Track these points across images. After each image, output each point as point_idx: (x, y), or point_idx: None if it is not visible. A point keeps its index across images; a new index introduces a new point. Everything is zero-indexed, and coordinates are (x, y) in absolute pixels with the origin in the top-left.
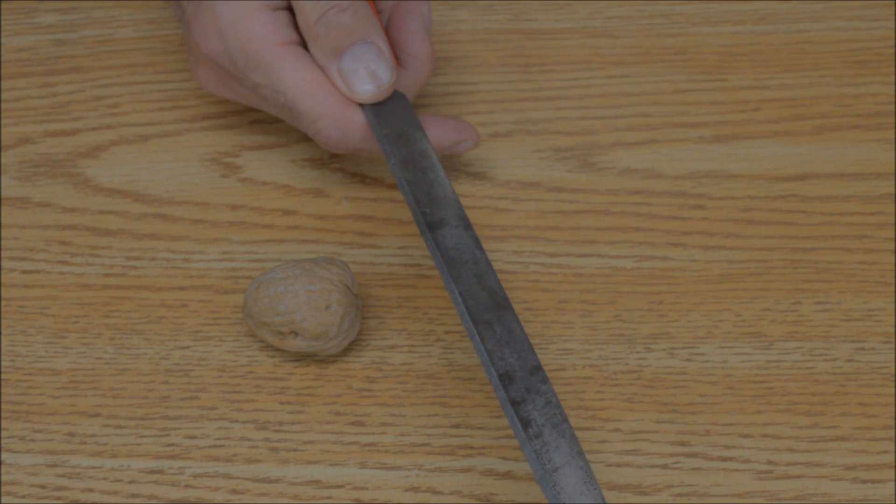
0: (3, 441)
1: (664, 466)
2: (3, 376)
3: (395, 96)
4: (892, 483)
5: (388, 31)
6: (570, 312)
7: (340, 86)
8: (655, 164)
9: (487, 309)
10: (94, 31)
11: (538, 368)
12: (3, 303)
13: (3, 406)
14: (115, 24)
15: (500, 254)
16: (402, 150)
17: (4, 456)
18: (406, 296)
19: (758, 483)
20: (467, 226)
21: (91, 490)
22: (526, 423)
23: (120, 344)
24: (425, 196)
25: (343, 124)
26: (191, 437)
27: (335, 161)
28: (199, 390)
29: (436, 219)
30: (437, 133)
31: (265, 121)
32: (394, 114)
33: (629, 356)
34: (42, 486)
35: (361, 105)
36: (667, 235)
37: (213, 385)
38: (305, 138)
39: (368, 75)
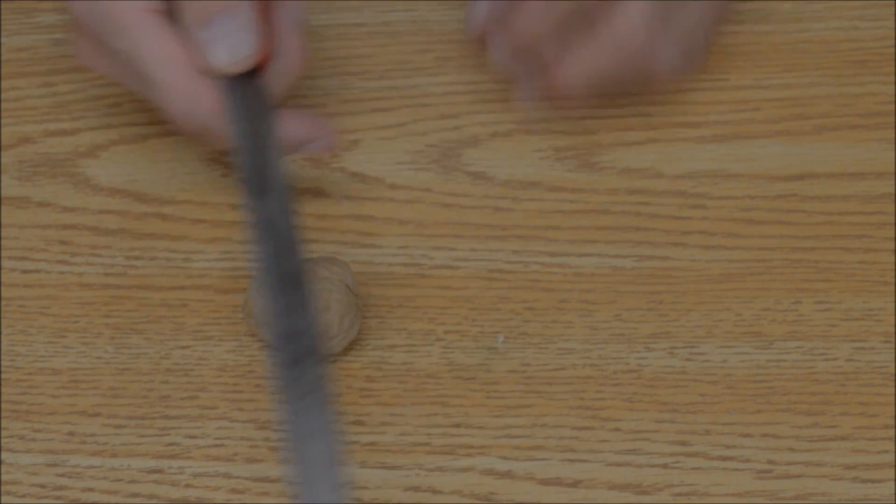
0: (3, 440)
1: (664, 466)
2: (3, 376)
3: (258, 83)
4: (893, 483)
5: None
6: (570, 312)
7: (199, 57)
8: (655, 164)
9: (286, 276)
10: None
11: (320, 345)
12: (3, 302)
13: (3, 405)
14: None
15: (501, 254)
16: (245, 125)
17: (4, 455)
18: (406, 295)
19: (758, 483)
20: (292, 206)
21: (91, 490)
22: (290, 385)
23: (120, 343)
24: (256, 169)
25: (193, 99)
26: (191, 437)
27: (335, 161)
28: (199, 390)
29: (260, 188)
30: (291, 128)
31: None
32: (249, 95)
33: (629, 356)
34: (42, 486)
35: (218, 84)
36: (667, 235)
37: (213, 384)
38: None
39: (228, 46)
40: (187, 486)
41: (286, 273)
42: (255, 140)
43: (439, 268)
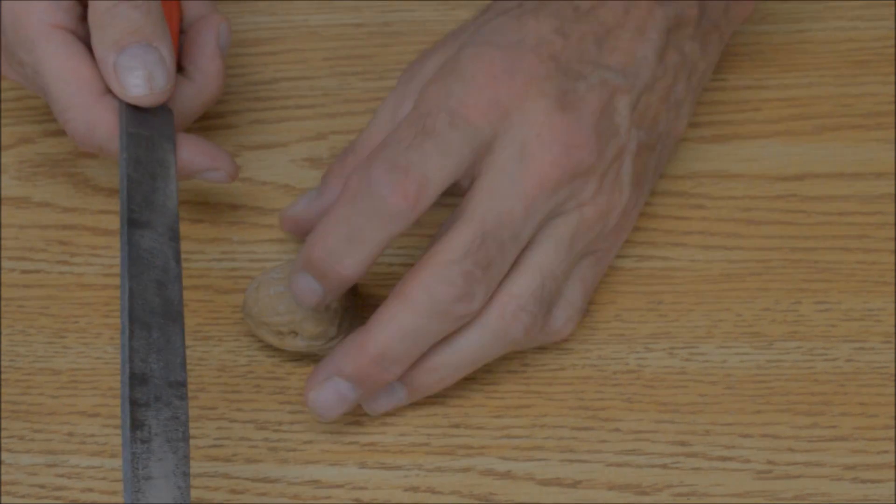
0: (2, 441)
1: (664, 466)
2: (3, 376)
3: (162, 108)
4: (892, 483)
5: (183, 45)
6: None
7: (112, 81)
8: None
9: (153, 314)
10: None
11: (181, 385)
12: (3, 303)
13: (2, 406)
14: None
15: None
16: (139, 151)
17: (4, 456)
18: None
19: (757, 483)
20: (173, 238)
21: (91, 490)
22: (137, 425)
23: (120, 344)
24: (141, 198)
25: (91, 119)
26: (190, 437)
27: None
28: (198, 390)
29: (141, 219)
30: (189, 154)
31: (265, 121)
32: (150, 120)
33: (629, 356)
34: (42, 486)
35: (120, 105)
36: (667, 235)
37: (212, 384)
38: (305, 138)
39: (144, 77)
40: None
41: (153, 311)
42: (146, 168)
43: None
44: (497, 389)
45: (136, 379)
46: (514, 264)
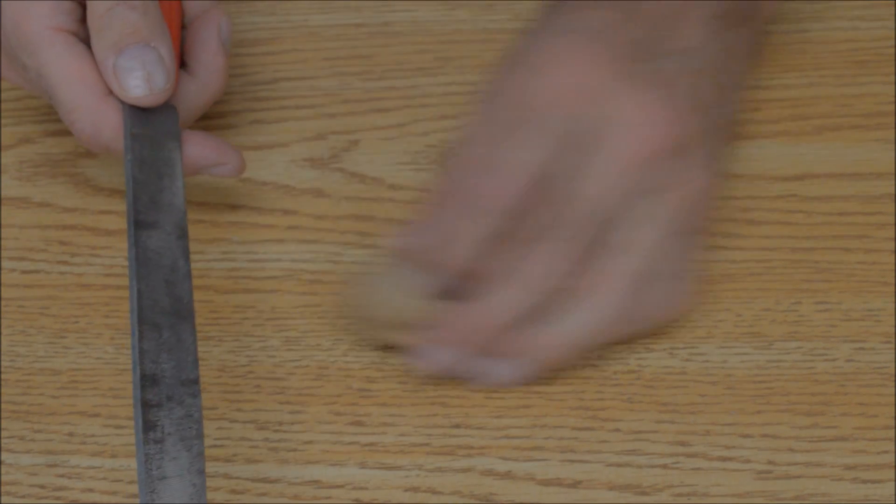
0: (2, 441)
1: (664, 466)
2: (3, 376)
3: (165, 106)
4: (893, 483)
5: (185, 41)
6: None
7: (112, 82)
8: None
9: (163, 314)
10: None
11: (193, 382)
12: (3, 303)
13: (2, 406)
14: None
15: None
16: (144, 151)
17: (4, 456)
18: None
19: (758, 483)
20: (181, 236)
21: (91, 490)
22: (150, 426)
23: (120, 344)
24: (147, 198)
25: (97, 120)
26: None
27: (335, 161)
28: None
29: (148, 220)
30: (196, 150)
31: (265, 121)
32: (154, 119)
33: (629, 356)
34: (42, 486)
35: (123, 106)
36: None
37: (212, 385)
38: (305, 138)
39: (144, 77)
40: None
41: (163, 311)
42: (152, 168)
43: None
44: (497, 390)
45: (147, 380)
46: (617, 243)
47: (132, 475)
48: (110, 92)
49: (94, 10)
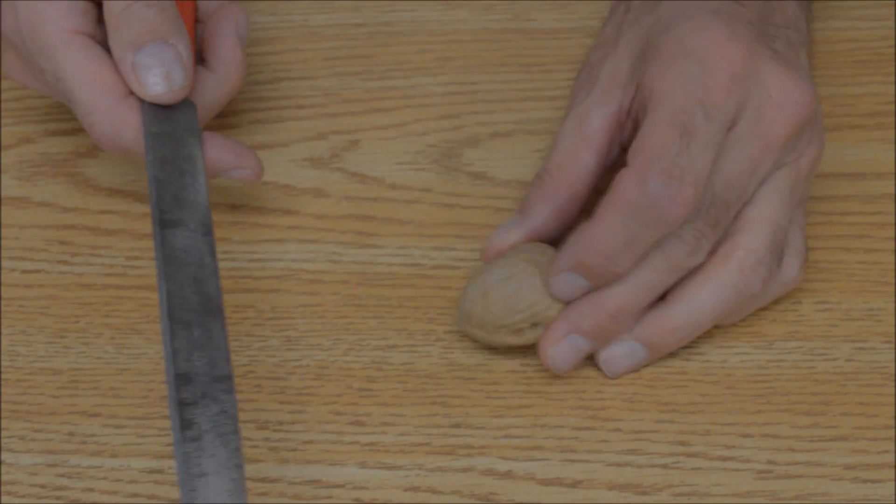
0: (3, 441)
1: (664, 466)
2: (4, 376)
3: (184, 103)
4: (893, 483)
5: (202, 36)
6: None
7: (131, 80)
8: None
9: (193, 311)
10: None
11: (227, 378)
12: (4, 302)
13: (3, 406)
14: None
15: None
16: (165, 150)
17: (4, 456)
18: (406, 295)
19: (758, 483)
20: (206, 232)
21: (91, 490)
22: (187, 425)
23: (120, 343)
24: (171, 197)
25: (117, 121)
26: None
27: (335, 161)
28: None
29: (173, 218)
30: (215, 153)
31: (265, 121)
32: (173, 117)
33: None
34: (42, 486)
35: (142, 105)
36: None
37: None
38: (305, 138)
39: (162, 74)
40: None
41: (192, 309)
42: (173, 166)
43: (439, 268)
44: (498, 389)
45: (181, 379)
46: (744, 219)
47: (132, 475)
48: (129, 93)
49: (110, 9)
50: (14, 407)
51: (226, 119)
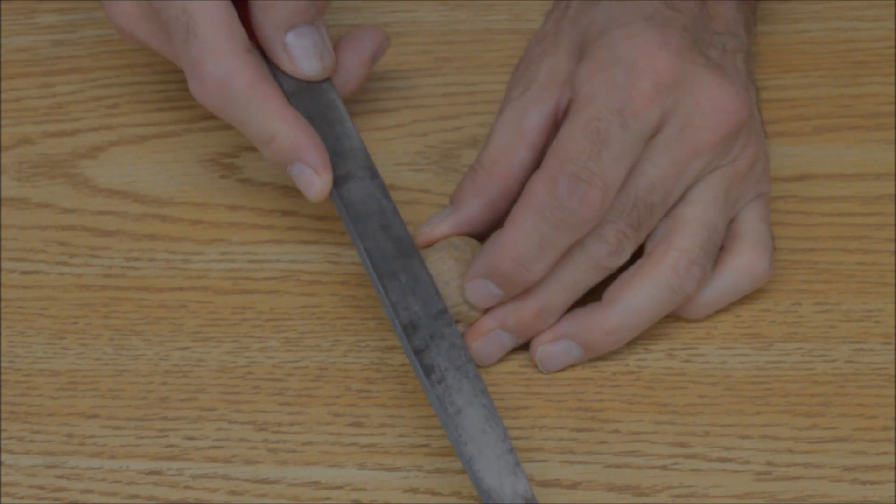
0: (2, 442)
1: (663, 467)
2: (3, 377)
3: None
4: (892, 484)
5: (342, 39)
6: None
7: (282, 58)
8: None
9: (393, 259)
10: (93, 31)
11: (443, 312)
12: (3, 303)
13: (2, 407)
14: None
15: None
16: (307, 106)
17: (3, 457)
18: None
19: (757, 484)
20: (374, 175)
21: (90, 491)
22: (429, 370)
23: (119, 345)
24: (331, 150)
25: (233, 69)
26: (190, 438)
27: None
28: (198, 391)
29: (341, 173)
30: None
31: None
32: (312, 91)
33: (628, 357)
34: (41, 488)
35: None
36: None
37: (212, 386)
38: None
39: (317, 55)
40: (186, 487)
41: (392, 257)
42: (321, 119)
43: None
44: (496, 391)
45: (408, 329)
46: (678, 219)
47: (131, 476)
48: (251, 49)
49: None
50: (13, 408)
51: None
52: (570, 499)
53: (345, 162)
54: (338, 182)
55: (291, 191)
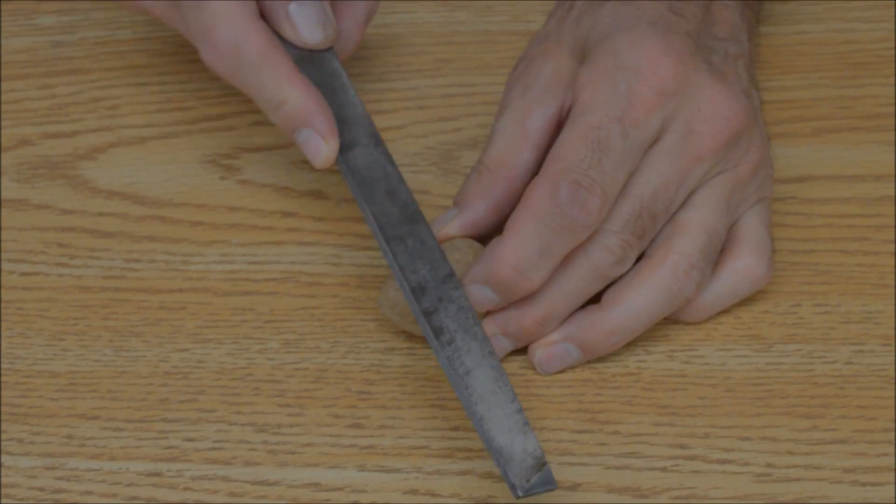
0: (1, 443)
1: (663, 469)
2: (2, 378)
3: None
4: (892, 486)
5: (333, 7)
6: None
7: (285, 27)
8: None
9: (399, 223)
10: (93, 32)
11: (450, 276)
12: (2, 305)
13: (1, 408)
14: (114, 25)
15: None
16: (311, 75)
17: (3, 458)
18: None
19: (757, 486)
20: (378, 142)
21: (90, 492)
22: (438, 332)
23: (119, 346)
24: (336, 118)
25: (243, 35)
26: (189, 440)
27: (334, 163)
28: (197, 392)
29: (346, 140)
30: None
31: (265, 122)
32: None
33: (628, 358)
34: (41, 489)
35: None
36: None
37: (211, 387)
38: None
39: (320, 24)
40: (186, 489)
41: (398, 222)
42: (325, 87)
43: None
44: None
45: (417, 292)
46: (679, 223)
47: (131, 477)
48: (260, 17)
49: None
50: (12, 409)
51: (226, 121)
52: (570, 500)
53: (349, 129)
54: (343, 149)
55: (291, 192)
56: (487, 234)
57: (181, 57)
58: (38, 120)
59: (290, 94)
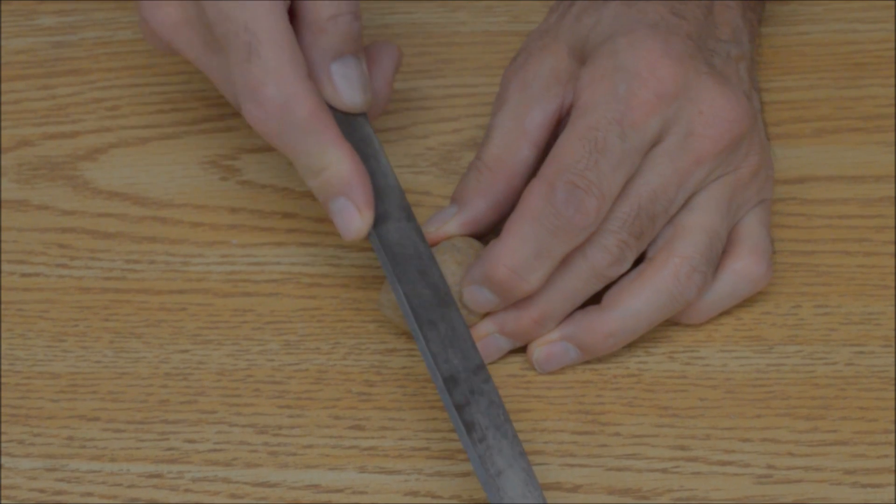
0: (2, 445)
1: (664, 471)
2: (3, 380)
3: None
4: (892, 487)
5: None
6: None
7: (326, 86)
8: None
9: (432, 307)
10: (93, 33)
11: (481, 367)
12: (3, 306)
13: (2, 410)
14: (114, 26)
15: None
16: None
17: (3, 460)
18: None
19: (757, 487)
20: (409, 216)
21: (90, 494)
22: (470, 427)
23: (119, 347)
24: None
25: (294, 94)
26: (190, 441)
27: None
28: (198, 394)
29: (378, 212)
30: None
31: None
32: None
33: (629, 360)
34: (41, 491)
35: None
36: None
37: (212, 389)
38: None
39: (360, 85)
40: (186, 490)
41: (430, 305)
42: (355, 141)
43: None
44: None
45: (449, 383)
46: (680, 226)
47: (131, 479)
48: (309, 76)
49: (320, 10)
50: (13, 411)
51: (226, 121)
52: (571, 501)
53: (381, 200)
54: (376, 221)
55: (291, 193)
56: (487, 233)
57: (181, 57)
58: (39, 120)
59: (333, 160)
